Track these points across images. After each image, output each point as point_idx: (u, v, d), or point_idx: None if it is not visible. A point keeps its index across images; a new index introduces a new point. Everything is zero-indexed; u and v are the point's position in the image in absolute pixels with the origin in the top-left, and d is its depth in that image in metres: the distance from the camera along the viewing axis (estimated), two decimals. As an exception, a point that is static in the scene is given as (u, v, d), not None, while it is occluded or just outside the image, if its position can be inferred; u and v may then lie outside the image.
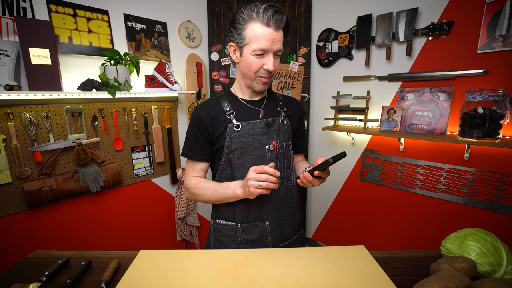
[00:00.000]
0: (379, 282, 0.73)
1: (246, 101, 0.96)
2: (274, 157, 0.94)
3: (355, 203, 2.15)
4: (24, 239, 1.49)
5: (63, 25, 1.51)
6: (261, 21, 0.80)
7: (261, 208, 0.95)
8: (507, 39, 1.38)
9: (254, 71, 0.86)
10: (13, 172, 1.41)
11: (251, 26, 0.81)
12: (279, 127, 0.96)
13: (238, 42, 0.85)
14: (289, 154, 1.00)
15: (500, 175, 1.48)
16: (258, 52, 0.82)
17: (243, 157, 0.91)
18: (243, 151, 0.91)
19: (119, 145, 1.83)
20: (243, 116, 0.93)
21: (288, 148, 0.99)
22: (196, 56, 2.20)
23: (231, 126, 0.90)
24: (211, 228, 1.04)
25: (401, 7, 1.70)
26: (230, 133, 0.90)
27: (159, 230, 2.14)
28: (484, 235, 0.79)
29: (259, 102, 0.97)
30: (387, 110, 1.81)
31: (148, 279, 0.75)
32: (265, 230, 0.97)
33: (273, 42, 0.82)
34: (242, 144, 0.91)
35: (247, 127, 0.91)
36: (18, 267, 0.85)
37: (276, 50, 0.83)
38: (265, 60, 0.84)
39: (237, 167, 0.92)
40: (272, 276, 0.75)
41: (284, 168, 0.98)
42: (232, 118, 0.91)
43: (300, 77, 2.28)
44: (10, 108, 1.37)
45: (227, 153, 0.92)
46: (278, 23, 0.81)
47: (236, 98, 0.96)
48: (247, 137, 0.91)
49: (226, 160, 0.93)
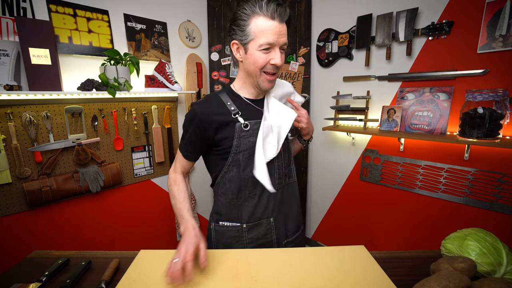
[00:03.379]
0: (379, 282, 0.73)
1: (250, 100, 0.94)
2: (279, 155, 0.94)
3: (355, 203, 2.15)
4: (24, 239, 1.49)
5: (63, 25, 1.51)
6: (266, 15, 0.78)
7: (266, 206, 0.95)
8: (507, 39, 1.38)
9: (260, 67, 0.84)
10: (13, 172, 1.41)
11: (255, 20, 0.79)
12: None
13: (242, 39, 0.83)
14: (290, 151, 1.01)
15: (500, 175, 1.48)
16: (265, 46, 0.80)
17: (252, 157, 0.89)
18: (253, 151, 0.89)
19: (119, 145, 1.83)
20: (248, 115, 0.90)
21: (288, 145, 1.01)
22: (196, 56, 2.20)
23: (239, 126, 0.88)
24: (212, 231, 1.00)
25: (401, 7, 1.70)
26: (239, 133, 0.87)
27: (159, 230, 2.14)
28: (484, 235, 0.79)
29: (261, 102, 0.96)
30: (387, 110, 1.81)
31: (148, 279, 0.75)
32: (270, 228, 0.97)
33: (279, 35, 0.80)
34: (252, 144, 0.89)
35: (255, 126, 0.89)
36: (18, 267, 0.85)
37: (282, 43, 0.82)
38: (272, 55, 0.82)
39: (245, 167, 0.90)
40: (272, 276, 0.75)
41: (286, 165, 0.98)
42: (239, 118, 0.88)
43: (300, 77, 2.28)
44: (10, 108, 1.37)
45: (235, 153, 0.89)
46: (282, 16, 0.79)
47: (239, 97, 0.93)
48: (256, 137, 0.89)
49: (234, 161, 0.90)
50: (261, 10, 0.78)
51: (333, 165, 2.28)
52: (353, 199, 2.17)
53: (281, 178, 0.97)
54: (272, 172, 0.93)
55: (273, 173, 0.93)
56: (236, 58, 0.89)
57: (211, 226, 1.00)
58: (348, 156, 2.12)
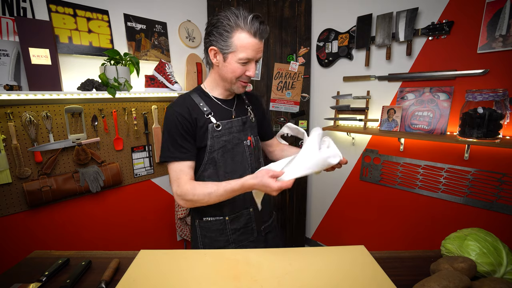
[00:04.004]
0: (379, 282, 0.73)
1: (219, 100, 1.00)
2: (251, 151, 1.02)
3: (355, 203, 2.15)
4: (24, 239, 1.49)
5: (63, 25, 1.51)
6: (249, 31, 0.83)
7: (244, 198, 1.01)
8: (507, 39, 1.38)
9: (237, 77, 0.91)
10: (13, 172, 1.41)
11: (239, 35, 0.83)
12: (250, 124, 1.04)
13: (222, 48, 0.86)
14: (259, 146, 1.10)
15: (500, 175, 1.48)
16: (244, 60, 0.86)
17: (225, 154, 0.96)
18: (225, 149, 0.96)
19: (119, 145, 1.83)
20: (219, 115, 0.96)
21: (258, 141, 1.09)
22: (196, 56, 2.20)
23: (212, 126, 0.93)
24: (196, 228, 1.04)
25: (401, 7, 1.70)
26: (212, 132, 0.93)
27: (159, 230, 2.14)
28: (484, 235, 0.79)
29: (230, 102, 1.02)
30: (387, 110, 1.81)
31: (148, 279, 0.75)
32: (250, 217, 1.04)
33: (257, 52, 0.87)
34: (224, 142, 0.96)
35: (227, 125, 0.96)
36: (18, 267, 0.85)
37: (258, 58, 0.90)
38: (248, 67, 0.89)
39: (221, 164, 0.96)
40: (272, 276, 0.75)
41: (257, 158, 1.07)
42: (211, 118, 0.94)
43: (300, 77, 2.28)
44: (10, 108, 1.37)
45: (210, 152, 0.94)
46: (263, 34, 0.86)
47: (209, 97, 0.98)
48: (228, 136, 0.96)
49: (209, 159, 0.95)
50: (245, 26, 0.82)
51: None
52: (353, 199, 2.17)
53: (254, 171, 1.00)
54: (246, 167, 1.01)
55: (247, 167, 1.01)
56: (212, 62, 0.93)
57: (195, 223, 1.04)
58: (348, 156, 2.11)
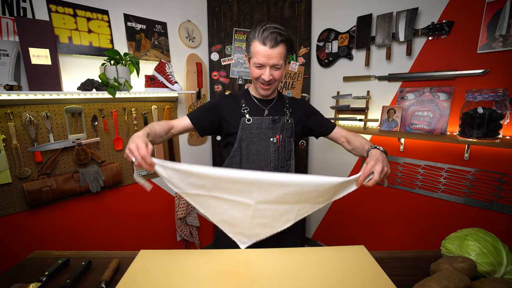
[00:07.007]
0: (379, 282, 0.73)
1: (256, 99, 1.14)
2: (276, 149, 1.09)
3: (355, 203, 2.15)
4: (24, 239, 1.49)
5: (63, 25, 1.51)
6: (259, 40, 0.97)
7: None
8: (507, 39, 1.38)
9: (255, 78, 1.06)
10: (13, 172, 1.41)
11: (254, 43, 1.00)
12: (283, 125, 1.11)
13: (248, 54, 1.05)
14: (290, 148, 1.13)
15: (500, 175, 1.48)
16: (257, 64, 1.00)
17: (250, 146, 1.08)
18: (251, 141, 1.07)
19: (119, 145, 1.83)
20: (253, 112, 1.10)
21: (289, 143, 1.12)
22: (196, 56, 2.20)
23: (244, 120, 1.07)
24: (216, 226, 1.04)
25: (401, 7, 1.70)
26: (243, 125, 1.07)
27: (159, 230, 2.14)
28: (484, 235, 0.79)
29: (267, 102, 1.14)
30: (387, 110, 1.81)
31: (148, 279, 0.75)
32: None
33: (269, 58, 0.97)
34: (251, 135, 1.07)
35: (257, 121, 1.08)
36: (18, 267, 0.85)
37: (271, 64, 0.99)
38: (262, 71, 1.01)
39: (245, 153, 1.08)
40: (272, 276, 0.75)
41: (285, 159, 1.12)
42: (246, 113, 1.08)
43: (300, 77, 2.28)
44: (10, 108, 1.37)
45: (239, 141, 1.08)
46: (272, 42, 0.95)
47: (249, 96, 1.14)
48: (256, 130, 1.08)
49: (238, 147, 1.08)
50: (258, 36, 0.97)
51: (333, 165, 2.28)
52: (353, 199, 2.16)
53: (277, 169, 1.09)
54: (268, 162, 1.08)
55: (269, 162, 1.08)
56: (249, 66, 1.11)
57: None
58: (348, 156, 2.11)
